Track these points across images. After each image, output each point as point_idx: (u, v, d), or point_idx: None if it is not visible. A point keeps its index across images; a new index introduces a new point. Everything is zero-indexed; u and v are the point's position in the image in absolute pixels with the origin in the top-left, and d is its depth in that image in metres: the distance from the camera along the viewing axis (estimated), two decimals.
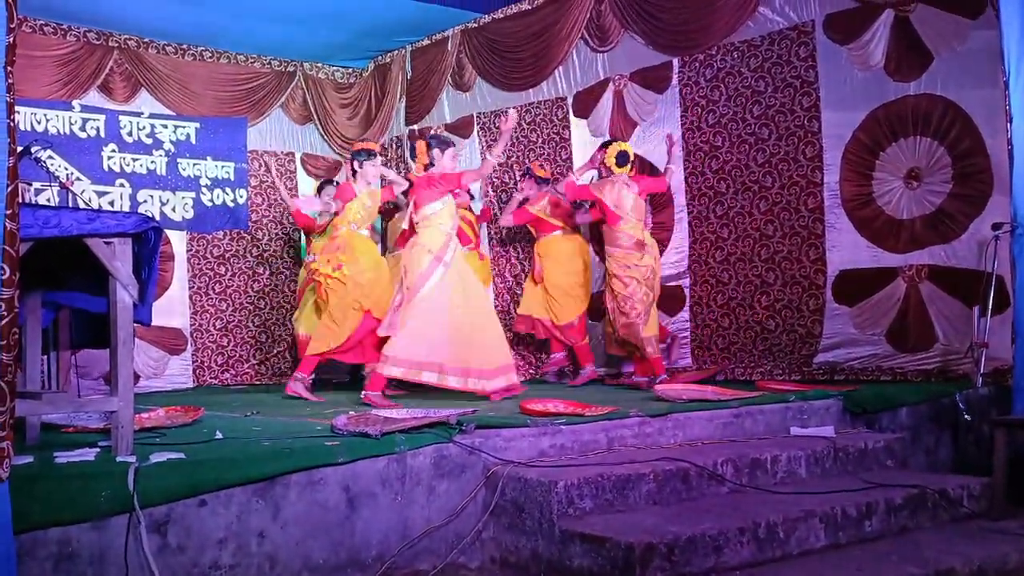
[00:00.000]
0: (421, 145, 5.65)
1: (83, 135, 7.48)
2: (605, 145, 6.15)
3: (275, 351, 8.38)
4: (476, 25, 7.84)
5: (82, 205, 6.26)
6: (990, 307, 4.74)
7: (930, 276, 5.28)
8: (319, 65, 8.87)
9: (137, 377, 7.02)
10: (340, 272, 5.84)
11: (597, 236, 6.63)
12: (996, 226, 4.79)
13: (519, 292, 7.26)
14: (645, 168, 6.63)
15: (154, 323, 5.64)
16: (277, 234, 8.56)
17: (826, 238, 5.72)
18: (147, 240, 3.18)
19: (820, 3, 5.71)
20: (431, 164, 5.58)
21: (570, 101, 7.19)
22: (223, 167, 8.08)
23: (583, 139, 7.11)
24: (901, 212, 5.41)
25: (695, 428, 4.26)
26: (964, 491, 3.88)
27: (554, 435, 3.81)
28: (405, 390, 5.85)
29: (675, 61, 6.51)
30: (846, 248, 5.64)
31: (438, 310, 5.31)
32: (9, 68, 2.31)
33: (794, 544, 3.29)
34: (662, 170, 6.27)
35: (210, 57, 8.27)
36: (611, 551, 2.96)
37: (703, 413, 4.34)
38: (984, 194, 5.04)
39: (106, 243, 3.03)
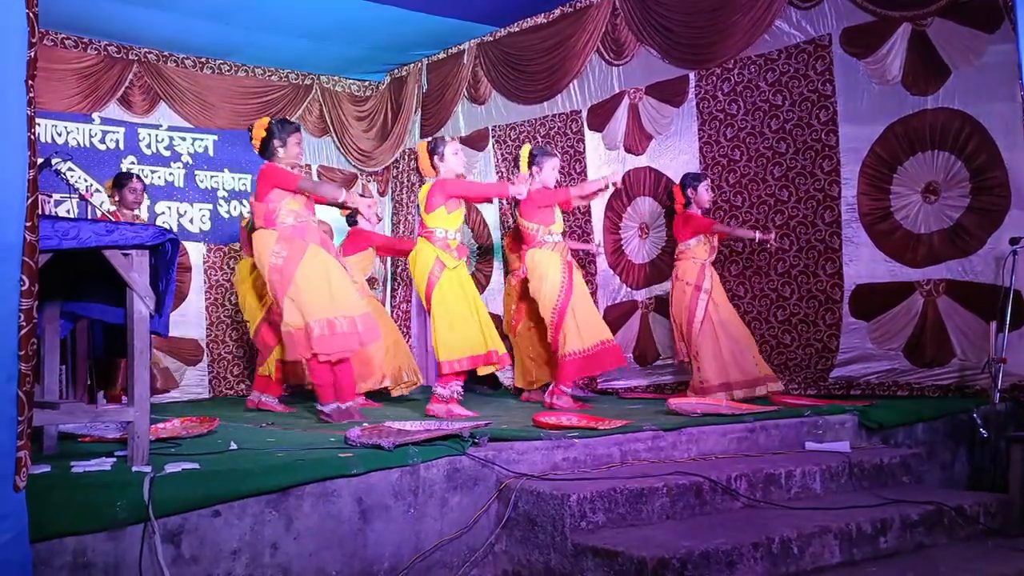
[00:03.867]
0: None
1: (102, 147, 7.56)
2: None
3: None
4: (492, 39, 7.87)
5: (100, 217, 6.31)
6: (1007, 322, 4.71)
7: (947, 291, 5.25)
8: (336, 78, 8.92)
9: (154, 388, 7.05)
10: None
11: None
12: (1013, 240, 4.77)
13: None
14: (660, 182, 6.64)
15: (171, 334, 5.64)
16: None
17: (843, 252, 5.71)
18: (164, 252, 3.21)
19: (837, 17, 5.70)
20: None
21: (585, 114, 7.20)
22: (240, 179, 8.14)
23: (598, 152, 7.12)
24: (919, 226, 5.39)
25: (709, 442, 4.24)
26: (981, 508, 3.85)
27: (567, 448, 3.80)
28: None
29: (692, 75, 6.51)
30: (863, 262, 5.62)
31: None
32: (30, 82, 2.34)
33: (808, 560, 3.27)
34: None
35: (228, 70, 8.34)
36: (623, 565, 2.95)
37: (717, 427, 4.32)
38: (1002, 208, 5.02)
39: (124, 255, 3.05)
